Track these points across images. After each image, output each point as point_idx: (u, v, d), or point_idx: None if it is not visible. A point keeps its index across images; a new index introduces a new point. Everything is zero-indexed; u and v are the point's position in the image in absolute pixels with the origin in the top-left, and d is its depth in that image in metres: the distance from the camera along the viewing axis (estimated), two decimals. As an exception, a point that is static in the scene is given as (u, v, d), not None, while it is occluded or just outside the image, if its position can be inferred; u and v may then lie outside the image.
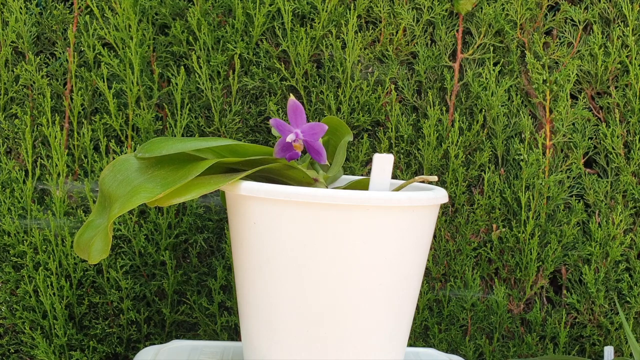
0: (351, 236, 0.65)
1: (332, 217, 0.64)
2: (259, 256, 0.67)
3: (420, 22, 1.03)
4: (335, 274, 0.65)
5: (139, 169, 0.70)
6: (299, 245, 0.65)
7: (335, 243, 0.65)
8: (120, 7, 0.99)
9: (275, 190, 0.65)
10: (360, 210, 0.64)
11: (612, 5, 1.04)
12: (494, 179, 1.03)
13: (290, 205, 0.64)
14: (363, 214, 0.64)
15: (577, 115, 1.03)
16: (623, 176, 1.04)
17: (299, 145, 0.69)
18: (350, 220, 0.64)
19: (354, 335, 0.67)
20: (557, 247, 1.03)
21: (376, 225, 0.65)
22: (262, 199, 0.66)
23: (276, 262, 0.66)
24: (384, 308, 0.68)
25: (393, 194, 0.65)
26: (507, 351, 1.05)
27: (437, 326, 1.05)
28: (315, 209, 0.64)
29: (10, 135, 1.01)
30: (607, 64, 1.03)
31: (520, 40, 1.04)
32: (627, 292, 1.04)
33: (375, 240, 0.65)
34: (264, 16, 1.00)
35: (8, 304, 1.02)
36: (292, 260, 0.65)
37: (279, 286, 0.67)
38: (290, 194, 0.64)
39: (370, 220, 0.65)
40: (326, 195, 0.64)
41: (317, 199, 0.64)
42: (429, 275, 1.04)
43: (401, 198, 0.65)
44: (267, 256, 0.67)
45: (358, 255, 0.65)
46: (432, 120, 1.01)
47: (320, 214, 0.64)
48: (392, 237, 0.66)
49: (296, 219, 0.65)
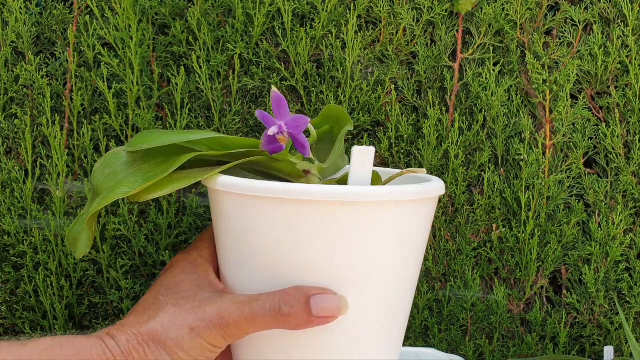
0: (327, 234, 0.60)
1: (308, 214, 0.60)
2: (239, 254, 0.64)
3: (420, 22, 1.03)
4: (315, 273, 0.62)
5: (126, 163, 0.69)
6: (277, 243, 0.61)
7: (312, 241, 0.60)
8: (120, 7, 0.99)
9: (248, 185, 0.61)
10: (336, 205, 0.59)
11: (612, 5, 1.04)
12: (494, 179, 1.03)
13: (265, 201, 0.60)
14: (339, 210, 0.59)
15: (577, 115, 1.03)
16: (623, 176, 1.04)
17: (283, 138, 0.66)
18: (326, 216, 0.60)
19: (340, 336, 0.64)
20: (557, 247, 1.03)
21: (354, 222, 0.60)
22: (239, 195, 0.62)
23: (257, 261, 0.63)
24: (371, 309, 0.64)
25: (372, 189, 0.61)
26: (507, 351, 1.05)
27: (437, 326, 1.05)
28: (290, 205, 0.60)
29: (10, 135, 1.01)
30: (607, 64, 1.03)
31: (520, 40, 1.04)
32: (627, 292, 1.04)
33: (354, 238, 0.61)
34: (264, 16, 1.00)
35: (8, 304, 1.02)
36: (274, 260, 0.62)
37: (262, 285, 0.63)
38: (263, 189, 0.60)
39: (347, 216, 0.60)
40: (299, 191, 0.59)
41: (290, 194, 0.59)
42: (429, 275, 1.04)
43: (381, 192, 0.60)
44: (248, 254, 0.63)
45: (336, 253, 0.61)
46: (432, 120, 1.01)
47: (296, 210, 0.60)
48: (373, 235, 0.61)
49: (271, 216, 0.61)
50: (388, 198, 0.60)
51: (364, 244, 0.61)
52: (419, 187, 0.63)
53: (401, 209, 0.61)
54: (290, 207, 0.60)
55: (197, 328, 0.63)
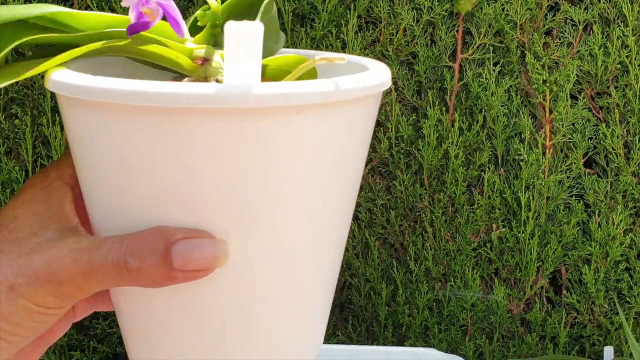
0: (191, 152, 0.41)
1: (151, 127, 0.41)
2: (91, 182, 0.46)
3: (420, 23, 1.03)
4: (190, 208, 0.43)
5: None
6: (136, 162, 0.42)
7: (176, 162, 0.41)
8: (121, 7, 0.99)
9: (78, 86, 0.41)
10: (199, 115, 0.40)
11: (612, 6, 1.04)
12: (493, 179, 1.03)
13: (107, 110, 0.41)
14: (202, 120, 0.40)
15: (577, 116, 1.03)
16: (623, 176, 1.04)
17: (149, 11, 0.47)
18: (174, 130, 0.40)
19: (229, 288, 0.46)
20: (557, 247, 1.03)
21: (225, 136, 0.40)
22: (73, 99, 0.43)
23: (109, 194, 0.44)
24: (275, 254, 0.44)
25: (248, 89, 0.39)
26: (507, 351, 1.05)
27: (437, 326, 1.05)
28: (136, 115, 0.41)
29: (11, 135, 1.01)
30: (607, 64, 1.03)
31: (520, 40, 1.04)
32: (627, 292, 1.04)
33: (223, 158, 0.41)
34: (264, 16, 1.00)
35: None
36: (128, 195, 0.44)
37: (128, 224, 0.45)
38: (97, 91, 0.40)
39: (212, 128, 0.40)
40: (137, 92, 0.39)
41: (130, 98, 0.40)
42: (429, 275, 1.04)
43: (254, 96, 0.39)
44: (100, 182, 0.45)
45: (207, 178, 0.42)
46: (432, 121, 1.01)
47: (144, 123, 0.41)
48: (264, 156, 0.41)
49: (117, 133, 0.42)
50: (282, 103, 0.39)
51: (235, 168, 0.41)
52: (328, 85, 0.40)
53: (307, 117, 0.41)
54: (141, 118, 0.41)
55: (18, 286, 0.45)
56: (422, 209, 1.04)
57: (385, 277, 1.06)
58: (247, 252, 0.43)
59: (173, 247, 0.43)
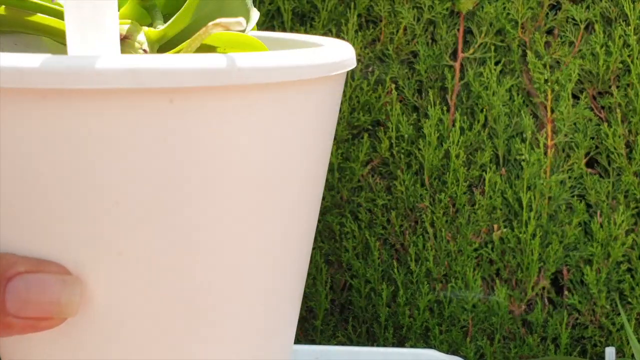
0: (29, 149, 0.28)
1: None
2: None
3: (420, 21, 1.02)
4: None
5: None
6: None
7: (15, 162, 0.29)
8: (119, 5, 0.98)
9: None
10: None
11: (613, 5, 1.03)
12: (495, 179, 1.03)
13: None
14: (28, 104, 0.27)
15: (579, 115, 1.03)
16: (625, 176, 1.03)
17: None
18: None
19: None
20: (558, 248, 1.03)
21: (60, 127, 0.27)
22: None
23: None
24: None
25: (88, 62, 0.26)
26: (509, 352, 1.05)
27: (437, 327, 1.04)
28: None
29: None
30: (608, 64, 1.03)
31: (521, 39, 1.03)
32: (628, 293, 1.04)
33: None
34: (263, 15, 0.99)
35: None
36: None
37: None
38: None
39: (47, 117, 0.27)
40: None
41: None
42: (430, 276, 1.04)
43: (96, 72, 0.26)
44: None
45: (56, 187, 0.29)
46: (433, 120, 1.01)
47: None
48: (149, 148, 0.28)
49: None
50: (132, 83, 0.26)
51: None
52: (230, 59, 0.27)
53: (185, 111, 0.28)
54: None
55: None
56: (422, 209, 1.04)
57: (385, 277, 1.06)
58: (113, 289, 0.30)
59: (9, 284, 0.30)
